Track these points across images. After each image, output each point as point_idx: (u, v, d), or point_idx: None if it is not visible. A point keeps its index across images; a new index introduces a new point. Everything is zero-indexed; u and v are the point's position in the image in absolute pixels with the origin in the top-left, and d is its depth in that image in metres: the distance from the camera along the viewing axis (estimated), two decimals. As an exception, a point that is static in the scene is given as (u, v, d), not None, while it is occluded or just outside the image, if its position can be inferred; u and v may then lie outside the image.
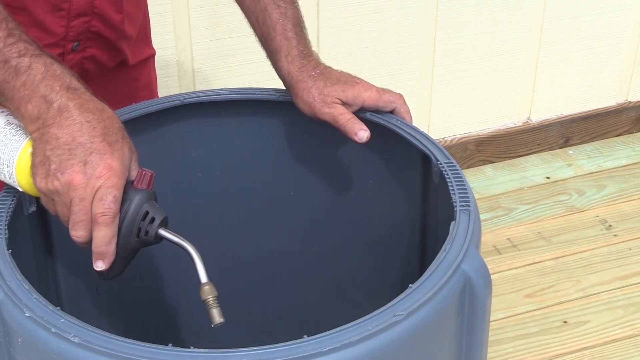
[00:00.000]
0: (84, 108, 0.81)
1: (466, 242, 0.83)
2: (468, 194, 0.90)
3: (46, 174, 0.80)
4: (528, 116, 2.21)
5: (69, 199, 0.80)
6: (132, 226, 0.82)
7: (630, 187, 2.12)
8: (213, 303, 0.82)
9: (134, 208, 0.82)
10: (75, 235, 0.81)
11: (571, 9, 2.07)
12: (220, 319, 0.81)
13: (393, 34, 1.94)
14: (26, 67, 0.80)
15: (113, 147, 0.81)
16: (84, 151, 0.79)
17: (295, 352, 0.71)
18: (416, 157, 1.02)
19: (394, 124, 1.04)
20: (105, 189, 0.79)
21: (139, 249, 0.84)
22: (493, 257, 1.90)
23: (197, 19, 1.77)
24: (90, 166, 0.79)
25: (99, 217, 0.79)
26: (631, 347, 1.68)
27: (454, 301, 0.80)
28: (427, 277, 0.79)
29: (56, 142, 0.80)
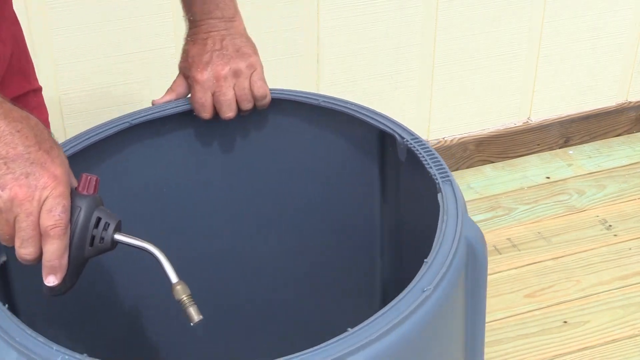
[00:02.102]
0: (10, 117, 0.76)
1: (459, 210, 0.85)
2: (443, 165, 0.91)
3: None
4: (528, 116, 2.21)
5: (13, 215, 0.75)
6: (85, 235, 0.79)
7: (630, 187, 2.12)
8: (188, 302, 0.80)
9: (84, 216, 0.78)
10: (25, 254, 0.76)
11: (571, 9, 2.07)
12: (198, 317, 0.79)
13: (393, 34, 1.94)
14: None
15: (51, 154, 0.76)
16: (23, 163, 0.75)
17: (343, 346, 0.71)
18: (374, 137, 1.03)
19: (349, 108, 1.05)
20: (52, 199, 0.75)
21: (91, 258, 0.81)
22: (493, 257, 1.89)
23: (197, 19, 1.77)
24: (33, 178, 0.75)
25: (50, 229, 0.75)
26: (631, 347, 1.68)
27: (464, 267, 0.83)
28: (438, 249, 0.81)
29: None
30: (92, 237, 0.79)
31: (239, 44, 1.07)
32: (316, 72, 1.93)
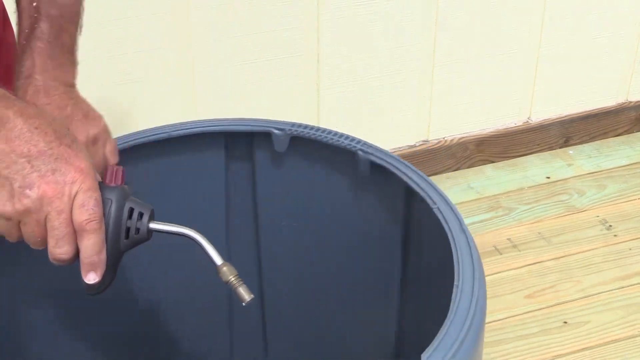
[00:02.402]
0: (26, 114, 0.72)
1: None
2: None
3: (10, 195, 0.71)
4: (528, 116, 2.21)
5: (43, 215, 0.72)
6: (119, 227, 0.76)
7: (630, 187, 2.12)
8: (237, 282, 0.78)
9: (116, 207, 0.75)
10: (61, 253, 0.73)
11: (571, 9, 2.07)
12: (249, 296, 0.77)
13: (393, 34, 1.94)
14: None
15: (73, 148, 0.73)
16: (47, 159, 0.71)
17: None
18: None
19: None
20: (83, 193, 0.72)
21: (126, 251, 0.78)
22: (493, 257, 1.89)
23: (198, 19, 1.77)
24: (59, 173, 0.72)
25: (85, 224, 0.72)
26: (631, 347, 1.68)
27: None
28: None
29: (9, 158, 0.71)
30: (127, 229, 0.76)
31: (85, 108, 0.91)
32: (316, 72, 1.92)
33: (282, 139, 1.02)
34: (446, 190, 2.09)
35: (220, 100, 1.86)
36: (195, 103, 1.85)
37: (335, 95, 1.97)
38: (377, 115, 2.04)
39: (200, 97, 1.85)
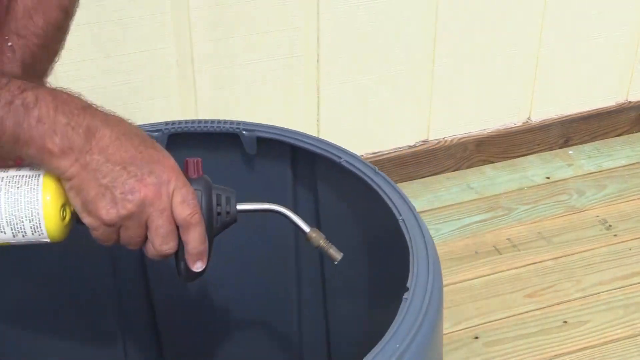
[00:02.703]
0: (111, 123, 0.75)
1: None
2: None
3: (113, 202, 0.74)
4: (528, 116, 2.21)
5: (145, 217, 0.75)
6: (212, 214, 0.80)
7: (630, 187, 2.12)
8: (326, 245, 0.83)
9: (206, 196, 0.80)
10: (167, 249, 0.77)
11: (571, 9, 2.07)
12: (339, 254, 0.83)
13: (393, 34, 1.94)
14: (34, 101, 0.72)
15: (157, 149, 0.77)
16: (140, 163, 0.74)
17: None
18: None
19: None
20: (180, 190, 0.76)
21: (217, 235, 0.83)
22: (493, 257, 1.89)
23: (197, 19, 1.77)
24: (155, 175, 0.75)
25: (190, 218, 0.76)
26: (631, 347, 1.68)
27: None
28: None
29: (106, 167, 0.73)
30: (218, 214, 0.81)
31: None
32: (316, 72, 1.92)
33: (159, 140, 1.01)
34: (446, 190, 2.11)
35: (221, 100, 1.86)
36: (196, 103, 1.86)
37: (335, 95, 1.97)
38: (376, 116, 2.04)
39: (200, 97, 1.85)
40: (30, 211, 0.75)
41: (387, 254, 0.83)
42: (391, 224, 0.88)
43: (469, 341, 1.68)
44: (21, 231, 0.75)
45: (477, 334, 1.71)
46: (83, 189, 0.74)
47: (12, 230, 0.75)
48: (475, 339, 1.70)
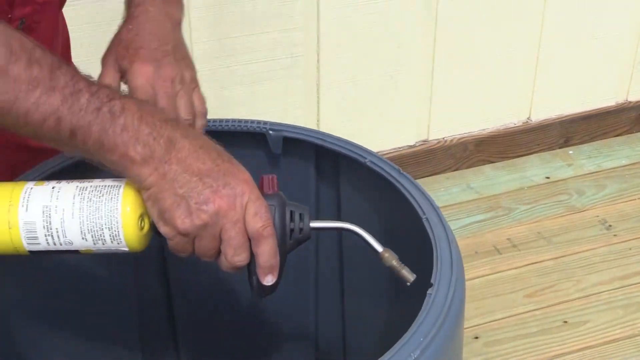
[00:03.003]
0: (190, 136, 0.77)
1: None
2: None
3: (188, 212, 0.75)
4: (528, 116, 2.21)
5: (219, 228, 0.76)
6: (285, 229, 0.81)
7: (630, 187, 2.12)
8: (399, 266, 0.82)
9: (280, 212, 0.80)
10: (239, 260, 0.78)
11: (571, 9, 2.07)
12: (412, 276, 0.82)
13: (393, 34, 1.94)
14: (120, 109, 0.75)
15: (233, 163, 0.78)
16: (216, 175, 0.76)
17: None
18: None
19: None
20: (253, 202, 0.77)
21: (290, 252, 0.83)
22: (493, 257, 1.90)
23: (197, 19, 1.77)
24: (229, 187, 0.76)
25: (262, 230, 0.77)
26: (631, 347, 1.68)
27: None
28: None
29: (184, 177, 0.75)
30: (291, 230, 0.82)
31: (183, 51, 1.00)
32: (316, 72, 1.93)
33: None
34: (446, 190, 2.11)
35: (220, 100, 1.86)
36: (196, 103, 1.85)
37: (335, 95, 1.97)
38: (376, 116, 2.04)
39: (200, 97, 1.85)
40: (110, 220, 0.77)
41: (408, 252, 0.84)
42: (414, 223, 0.89)
43: (469, 341, 1.68)
44: (101, 239, 0.77)
45: (477, 334, 1.71)
46: (160, 198, 0.76)
47: (92, 238, 0.77)
48: (475, 339, 1.70)
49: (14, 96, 0.73)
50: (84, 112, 0.74)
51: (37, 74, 0.73)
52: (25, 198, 0.77)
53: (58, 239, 0.77)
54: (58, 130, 0.74)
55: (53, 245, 0.78)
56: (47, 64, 0.74)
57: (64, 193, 0.78)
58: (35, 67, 0.73)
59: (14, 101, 0.73)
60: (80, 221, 0.77)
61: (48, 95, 0.73)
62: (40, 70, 0.73)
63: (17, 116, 0.74)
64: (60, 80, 0.74)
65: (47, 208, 0.77)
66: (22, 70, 0.73)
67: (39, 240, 0.77)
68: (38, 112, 0.73)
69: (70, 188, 0.78)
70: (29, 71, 0.73)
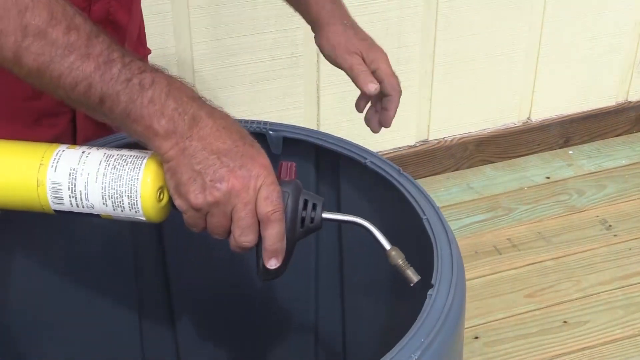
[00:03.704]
0: (215, 115, 0.79)
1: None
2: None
3: (202, 188, 0.77)
4: (528, 116, 2.21)
5: (230, 206, 0.78)
6: (296, 217, 0.81)
7: (630, 187, 2.12)
8: (404, 265, 0.82)
9: (293, 199, 0.81)
10: (245, 241, 0.79)
11: (571, 9, 2.07)
12: (417, 277, 0.82)
13: (393, 34, 1.94)
14: (150, 82, 0.77)
15: (254, 147, 0.80)
16: (234, 156, 0.78)
17: None
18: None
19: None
20: (266, 187, 0.78)
21: (300, 240, 0.84)
22: (493, 257, 1.90)
23: (197, 19, 1.77)
24: (245, 169, 0.77)
25: (270, 214, 0.78)
26: (631, 347, 1.68)
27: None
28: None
29: (202, 154, 0.77)
30: (302, 219, 0.82)
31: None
32: (316, 71, 1.93)
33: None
34: (446, 190, 2.11)
35: (220, 101, 1.87)
36: (196, 103, 1.85)
37: (335, 95, 1.97)
38: (377, 115, 2.04)
39: (200, 97, 1.85)
40: (130, 188, 0.79)
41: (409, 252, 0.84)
42: (414, 223, 0.89)
43: (469, 341, 1.68)
44: (120, 205, 0.80)
45: (477, 334, 1.71)
46: (177, 171, 0.77)
47: (112, 204, 0.80)
48: (475, 339, 1.70)
49: (50, 58, 0.75)
50: (115, 81, 0.76)
51: (75, 39, 0.75)
52: (55, 159, 0.80)
53: (81, 201, 0.80)
54: (88, 95, 0.76)
55: (76, 207, 0.80)
56: (85, 32, 0.76)
57: (91, 158, 0.80)
58: (73, 32, 0.76)
59: (49, 63, 0.75)
60: (102, 186, 0.79)
61: (82, 61, 0.75)
62: (77, 36, 0.76)
63: (50, 78, 0.76)
64: (96, 48, 0.76)
65: (73, 170, 0.79)
66: (60, 34, 0.75)
67: (63, 201, 0.80)
68: (71, 76, 0.75)
69: (98, 154, 0.80)
70: (67, 36, 0.75)
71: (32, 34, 0.75)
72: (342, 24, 1.15)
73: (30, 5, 0.75)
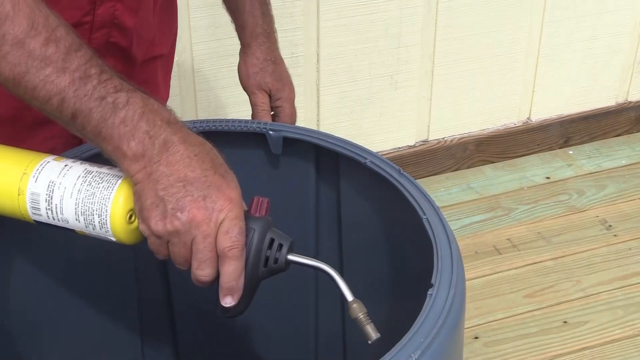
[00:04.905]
0: (188, 142, 0.76)
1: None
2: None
3: (162, 215, 0.75)
4: (528, 116, 2.21)
5: (190, 237, 0.76)
6: (260, 256, 0.78)
7: (630, 187, 2.12)
8: (365, 320, 0.80)
9: (258, 237, 0.78)
10: (202, 275, 0.77)
11: (571, 9, 2.07)
12: (376, 334, 0.80)
13: (393, 34, 1.94)
14: (124, 102, 0.75)
15: (226, 178, 0.77)
16: (200, 186, 0.75)
17: None
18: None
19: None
20: (229, 221, 0.75)
21: (263, 280, 0.80)
22: (493, 257, 1.90)
23: (197, 19, 1.77)
24: (210, 200, 0.75)
25: (227, 251, 0.75)
26: (631, 347, 1.68)
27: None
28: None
29: (168, 180, 0.75)
30: (266, 258, 0.79)
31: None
32: (316, 72, 1.93)
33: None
34: (446, 190, 2.11)
35: (220, 101, 1.86)
36: (195, 103, 1.86)
37: (335, 95, 1.97)
38: (376, 116, 2.04)
39: (200, 97, 1.85)
40: (100, 207, 0.78)
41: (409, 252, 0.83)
42: (414, 223, 0.89)
43: (469, 341, 1.68)
44: (92, 223, 0.79)
45: (477, 334, 1.71)
46: (142, 195, 0.76)
47: (84, 221, 0.79)
48: (475, 339, 1.70)
49: (26, 69, 0.74)
50: (88, 98, 0.75)
51: (52, 52, 0.74)
52: (38, 170, 0.80)
53: (56, 214, 0.79)
54: (61, 110, 0.75)
55: (52, 219, 0.80)
56: (65, 45, 0.75)
57: (71, 172, 0.80)
58: (52, 45, 0.75)
59: (24, 74, 0.75)
60: (76, 202, 0.79)
61: (58, 75, 0.74)
62: (56, 49, 0.75)
63: (25, 89, 0.75)
64: (73, 63, 0.75)
65: (52, 183, 0.79)
66: (38, 45, 0.74)
67: (41, 212, 0.80)
68: (45, 89, 0.75)
69: (78, 169, 0.80)
70: (45, 48, 0.74)
71: (9, 44, 0.74)
72: (264, 59, 1.19)
73: (10, 14, 0.74)
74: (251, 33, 1.19)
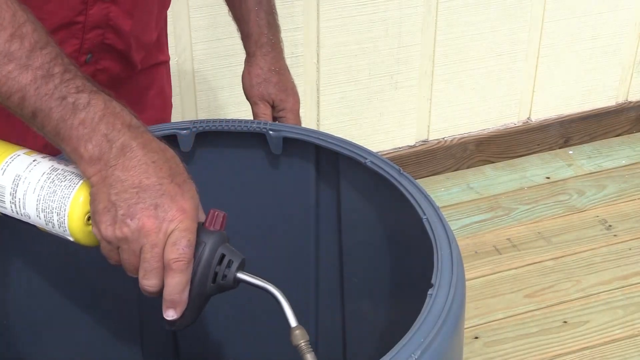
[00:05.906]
0: (148, 148, 0.75)
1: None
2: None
3: (113, 220, 0.74)
4: (528, 116, 2.21)
5: (139, 246, 0.74)
6: (208, 271, 0.76)
7: (630, 187, 2.12)
8: (306, 348, 0.79)
9: (209, 252, 0.76)
10: (147, 285, 0.75)
11: (571, 9, 2.08)
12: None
13: (393, 34, 1.94)
14: (85, 104, 0.74)
15: (182, 188, 0.75)
16: (154, 194, 0.73)
17: None
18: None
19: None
20: (178, 232, 0.74)
21: (213, 295, 0.79)
22: (493, 257, 1.90)
23: (197, 19, 1.77)
24: (161, 209, 0.73)
25: (172, 263, 0.74)
26: (631, 347, 1.68)
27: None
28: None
29: (121, 186, 0.73)
30: (215, 274, 0.77)
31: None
32: (316, 72, 1.93)
33: (187, 138, 1.02)
34: (446, 190, 2.11)
35: (220, 101, 1.87)
36: (195, 103, 1.86)
37: (335, 95, 1.97)
38: (376, 116, 2.04)
39: (200, 97, 1.85)
40: (60, 205, 0.77)
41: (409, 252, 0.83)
42: (414, 223, 0.89)
43: (469, 341, 1.68)
44: (51, 221, 0.78)
45: (477, 334, 1.71)
46: (95, 199, 0.75)
47: (44, 218, 0.78)
48: (475, 339, 1.70)
49: None
50: (49, 97, 0.74)
51: (16, 49, 0.73)
52: (7, 162, 0.79)
53: (19, 208, 0.79)
54: (22, 107, 0.75)
55: (16, 213, 0.79)
56: (30, 42, 0.74)
57: (38, 168, 0.79)
58: (16, 41, 0.73)
59: None
60: (38, 199, 0.78)
61: (20, 72, 0.73)
62: (20, 46, 0.74)
63: None
64: (37, 60, 0.74)
65: (18, 177, 0.79)
66: (2, 41, 0.73)
67: (5, 205, 0.79)
68: (6, 85, 0.74)
69: (45, 165, 0.79)
70: (9, 44, 0.73)
71: None
72: (269, 69, 1.20)
73: None
74: (256, 42, 1.20)
